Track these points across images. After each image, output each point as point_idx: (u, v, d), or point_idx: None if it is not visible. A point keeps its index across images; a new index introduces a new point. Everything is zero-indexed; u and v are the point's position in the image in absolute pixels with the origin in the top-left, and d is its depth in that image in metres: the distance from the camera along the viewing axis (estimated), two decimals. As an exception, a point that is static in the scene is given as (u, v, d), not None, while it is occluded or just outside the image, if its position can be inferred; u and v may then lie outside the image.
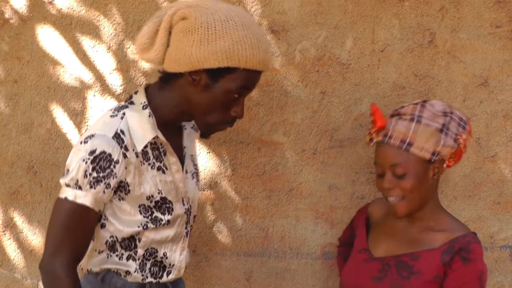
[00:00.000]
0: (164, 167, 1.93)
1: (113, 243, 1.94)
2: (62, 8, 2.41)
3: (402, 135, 1.97)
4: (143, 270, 1.97)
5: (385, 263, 2.06)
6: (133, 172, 1.86)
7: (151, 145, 1.90)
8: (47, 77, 2.45)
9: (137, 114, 1.88)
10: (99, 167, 1.79)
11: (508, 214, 2.59)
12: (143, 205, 1.90)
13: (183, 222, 2.02)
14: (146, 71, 2.45)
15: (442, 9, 2.49)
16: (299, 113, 2.50)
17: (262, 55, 1.81)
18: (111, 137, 1.81)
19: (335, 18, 2.47)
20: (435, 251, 2.01)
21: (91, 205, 1.80)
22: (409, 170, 1.98)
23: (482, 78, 2.52)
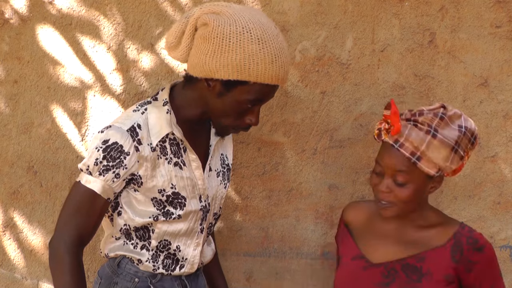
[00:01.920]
0: (182, 163, 1.98)
1: (127, 231, 2.01)
2: (62, 8, 2.41)
3: (414, 147, 1.91)
4: (155, 261, 2.03)
5: (390, 268, 2.03)
6: (146, 165, 1.92)
7: (170, 140, 1.96)
8: (47, 77, 2.44)
9: (157, 110, 1.95)
10: (109, 157, 1.87)
11: (508, 214, 2.59)
12: (155, 198, 1.96)
13: (197, 218, 2.04)
14: (146, 71, 2.45)
15: (442, 9, 2.49)
16: (299, 113, 2.50)
17: (276, 70, 1.81)
18: (126, 130, 1.89)
19: (335, 18, 2.47)
20: (441, 249, 1.99)
21: (99, 191, 1.89)
22: (410, 181, 1.94)
23: (482, 78, 2.52)
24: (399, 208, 1.99)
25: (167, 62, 2.45)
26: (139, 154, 1.90)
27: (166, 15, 2.42)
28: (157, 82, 2.45)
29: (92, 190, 1.89)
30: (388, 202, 1.98)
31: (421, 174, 1.94)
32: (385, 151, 1.98)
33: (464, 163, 2.02)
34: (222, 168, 2.15)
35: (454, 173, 2.05)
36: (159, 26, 2.43)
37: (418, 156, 1.91)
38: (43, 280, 2.53)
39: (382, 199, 1.99)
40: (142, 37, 2.44)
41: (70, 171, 2.48)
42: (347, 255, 2.15)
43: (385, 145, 1.99)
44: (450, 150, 1.92)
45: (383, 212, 2.02)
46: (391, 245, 2.07)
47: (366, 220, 2.18)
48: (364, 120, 2.52)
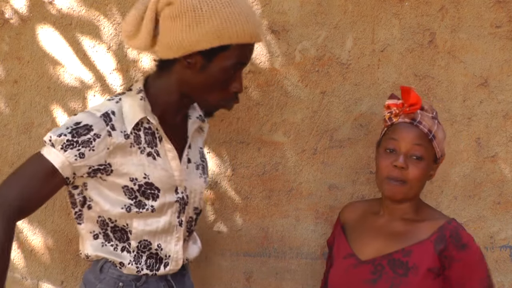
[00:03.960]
0: (155, 153, 1.94)
1: (104, 224, 1.95)
2: (62, 8, 2.41)
3: (429, 126, 2.05)
4: (138, 262, 1.97)
5: (377, 264, 2.05)
6: (116, 152, 1.87)
7: (145, 129, 1.92)
8: (47, 77, 2.45)
9: (131, 99, 1.92)
10: (75, 132, 1.81)
11: (508, 214, 2.59)
12: (127, 186, 1.90)
13: (174, 211, 1.99)
14: (146, 71, 2.44)
15: (442, 9, 2.49)
16: (299, 113, 2.50)
17: (252, 28, 1.83)
18: (99, 116, 1.85)
19: (335, 18, 2.47)
20: (425, 242, 2.02)
21: (57, 165, 1.81)
22: (426, 157, 2.05)
23: (482, 78, 2.52)
24: (409, 188, 2.04)
25: (167, 62, 2.45)
26: (111, 140, 1.85)
27: (166, 15, 2.42)
28: (157, 82, 2.45)
29: (51, 163, 1.81)
30: (401, 180, 2.03)
31: (432, 153, 2.07)
32: (402, 128, 2.07)
33: None
34: (201, 161, 2.12)
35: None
36: (159, 26, 2.43)
37: (433, 134, 2.05)
38: (43, 280, 2.53)
39: (396, 176, 2.03)
40: (142, 37, 2.44)
41: (70, 171, 2.48)
42: (340, 255, 2.18)
43: (400, 125, 2.08)
44: (444, 138, 2.11)
45: (394, 191, 2.05)
46: (379, 241, 2.10)
47: (359, 219, 2.22)
48: (364, 120, 2.52)
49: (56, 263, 2.53)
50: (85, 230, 1.98)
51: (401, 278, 1.99)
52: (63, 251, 2.52)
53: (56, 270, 2.54)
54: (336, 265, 2.17)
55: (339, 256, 2.17)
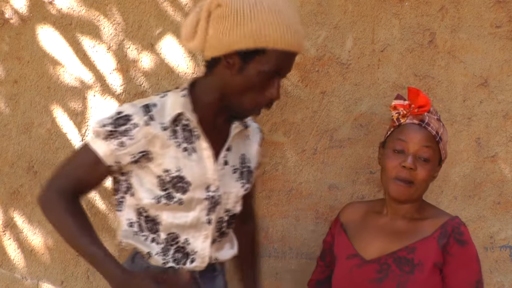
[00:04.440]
0: (192, 150, 2.00)
1: (139, 213, 2.03)
2: (62, 8, 2.41)
3: (436, 128, 2.08)
4: (166, 254, 2.03)
5: (382, 262, 2.06)
6: (155, 142, 1.95)
7: (183, 126, 2.00)
8: (47, 77, 2.44)
9: (174, 96, 2.01)
10: (116, 123, 1.94)
11: (508, 214, 2.59)
12: (160, 177, 1.97)
13: (203, 208, 2.03)
14: (146, 71, 2.45)
15: (442, 9, 2.49)
16: (299, 113, 2.50)
17: (291, 36, 1.85)
18: (140, 106, 1.96)
19: (335, 18, 2.47)
20: (429, 238, 2.03)
21: (101, 153, 1.94)
22: (432, 159, 2.07)
23: (482, 78, 2.52)
24: (416, 189, 2.06)
25: (167, 62, 2.45)
26: (148, 130, 1.94)
27: (166, 15, 2.43)
28: (157, 82, 2.45)
29: (95, 152, 1.94)
30: (409, 181, 2.05)
31: (438, 155, 2.10)
32: (410, 129, 2.09)
33: None
34: (241, 167, 2.14)
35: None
36: (159, 26, 2.43)
37: (440, 137, 2.07)
38: (43, 280, 2.53)
39: (404, 177, 2.05)
40: (142, 37, 2.44)
41: (70, 171, 2.48)
42: (342, 255, 2.18)
43: (408, 126, 2.10)
44: (447, 141, 2.14)
45: (400, 193, 2.06)
46: (383, 240, 2.11)
47: (361, 219, 2.22)
48: (364, 120, 2.53)
49: (56, 263, 2.53)
50: (123, 217, 2.07)
51: (408, 276, 2.00)
52: (63, 251, 2.52)
53: (56, 270, 2.54)
54: (339, 266, 2.18)
55: (342, 257, 2.18)
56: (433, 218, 2.08)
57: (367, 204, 2.27)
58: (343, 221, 2.26)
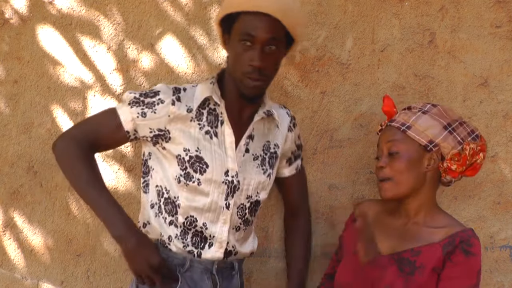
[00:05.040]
0: (214, 133, 2.08)
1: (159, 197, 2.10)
2: (62, 8, 2.41)
3: (404, 120, 2.07)
4: (184, 238, 2.08)
5: (386, 261, 2.05)
6: (177, 122, 2.04)
7: (209, 110, 2.09)
8: (47, 77, 2.44)
9: (204, 84, 2.11)
10: (145, 94, 2.06)
11: (508, 214, 2.59)
12: (180, 155, 2.05)
13: (221, 192, 2.08)
14: (146, 71, 2.45)
15: (442, 9, 2.49)
16: (299, 113, 2.50)
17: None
18: (171, 87, 2.09)
19: (335, 18, 2.47)
20: (435, 245, 2.00)
21: (123, 118, 2.05)
22: (402, 149, 2.05)
23: (482, 78, 2.52)
24: (395, 183, 2.05)
25: (167, 62, 2.45)
26: (172, 109, 2.03)
27: (166, 15, 2.43)
28: (157, 82, 2.45)
29: (118, 116, 2.05)
30: (385, 177, 2.06)
31: (413, 144, 2.05)
32: (381, 133, 2.14)
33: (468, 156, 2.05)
34: (264, 154, 2.18)
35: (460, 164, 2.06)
36: (159, 26, 2.43)
37: (408, 125, 2.06)
38: (43, 280, 2.53)
39: (380, 175, 2.08)
40: (142, 37, 2.44)
41: (70, 171, 2.48)
42: (349, 249, 2.19)
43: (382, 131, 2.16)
44: (442, 127, 2.05)
45: (382, 190, 2.08)
46: (391, 240, 2.10)
47: (374, 216, 2.21)
48: (364, 120, 2.53)
49: (56, 263, 2.53)
50: (147, 199, 2.15)
51: (406, 277, 1.99)
52: (63, 251, 2.52)
53: (56, 270, 2.54)
54: (345, 260, 2.19)
55: (349, 251, 2.19)
56: (446, 227, 2.04)
57: (382, 204, 2.24)
58: (358, 215, 2.26)
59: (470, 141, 2.04)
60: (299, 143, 2.33)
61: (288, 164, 2.32)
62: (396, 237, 2.09)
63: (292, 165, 2.33)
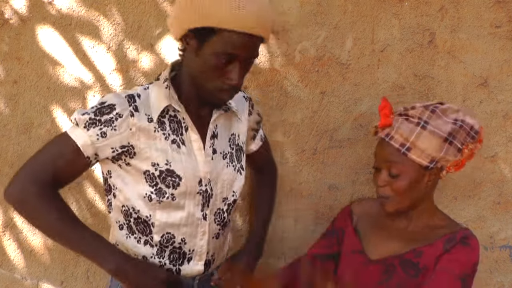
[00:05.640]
0: (180, 142, 1.93)
1: (127, 214, 1.95)
2: (62, 8, 2.41)
3: (403, 138, 1.97)
4: (161, 256, 1.97)
5: (389, 263, 2.04)
6: (139, 135, 1.87)
7: (170, 117, 1.92)
8: (47, 77, 2.44)
9: (157, 87, 1.93)
10: (98, 112, 1.84)
11: (508, 214, 2.59)
12: (148, 171, 1.88)
13: (197, 203, 1.96)
14: (146, 71, 2.45)
15: (442, 9, 2.49)
16: (299, 113, 2.50)
17: (244, 15, 1.72)
18: (124, 96, 1.88)
19: (334, 18, 2.47)
20: (436, 242, 1.98)
21: (80, 144, 1.83)
22: (403, 172, 1.98)
23: (482, 78, 2.52)
24: (396, 202, 2.01)
25: (167, 62, 2.45)
26: (133, 121, 1.85)
27: (165, 15, 2.42)
28: (157, 82, 2.45)
29: (74, 142, 1.83)
30: (386, 196, 2.02)
31: (414, 165, 1.97)
32: (378, 145, 2.06)
33: (466, 157, 2.01)
34: (231, 149, 2.07)
35: (457, 167, 2.05)
36: (159, 27, 2.43)
37: (408, 146, 1.96)
38: (43, 280, 2.53)
39: (380, 193, 2.04)
40: (141, 37, 2.44)
41: (70, 172, 2.48)
42: (348, 248, 2.17)
43: (379, 140, 2.07)
44: (442, 141, 1.95)
45: (384, 207, 2.05)
46: (391, 241, 2.09)
47: (373, 217, 2.20)
48: (364, 120, 2.52)
49: (56, 263, 2.53)
50: (113, 219, 2.01)
51: (412, 279, 1.98)
52: (63, 251, 2.52)
53: (56, 270, 2.54)
54: (344, 258, 2.17)
55: (348, 250, 2.17)
56: (445, 228, 2.03)
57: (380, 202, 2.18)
58: (355, 214, 2.24)
59: (469, 142, 1.99)
60: (259, 119, 2.25)
61: (253, 140, 2.26)
62: (398, 239, 2.08)
63: (256, 139, 2.27)
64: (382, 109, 2.05)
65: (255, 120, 2.23)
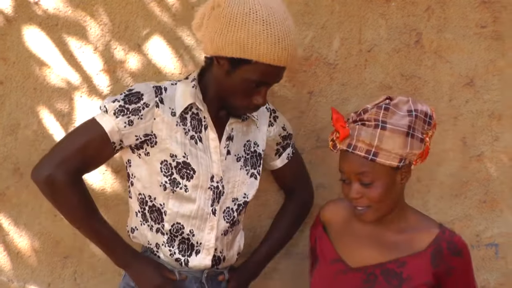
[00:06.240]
0: (198, 139, 2.05)
1: (143, 203, 2.07)
2: (48, 8, 2.39)
3: (367, 145, 1.89)
4: (171, 245, 2.08)
5: (370, 272, 1.99)
6: (162, 126, 1.99)
7: (192, 114, 2.05)
8: (34, 78, 2.42)
9: (185, 85, 2.06)
10: (128, 99, 1.97)
11: (493, 213, 2.61)
12: (165, 161, 2.01)
13: (207, 197, 2.07)
14: (133, 72, 2.44)
15: (428, 9, 2.51)
16: (286, 113, 2.50)
17: (279, 51, 1.86)
18: (152, 86, 2.02)
19: (322, 18, 2.48)
20: (422, 254, 1.95)
21: (108, 129, 1.95)
22: (376, 179, 1.90)
23: (468, 78, 2.54)
24: (376, 210, 1.95)
25: (154, 63, 2.44)
26: (157, 112, 1.99)
27: (153, 15, 2.42)
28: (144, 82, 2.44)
29: (102, 128, 1.95)
30: (364, 206, 1.95)
31: (384, 168, 1.90)
32: (342, 158, 1.97)
33: (428, 145, 1.96)
34: (246, 154, 2.18)
35: (422, 158, 1.99)
36: (146, 27, 2.42)
37: (374, 152, 1.88)
38: (30, 282, 2.51)
39: (357, 205, 1.97)
40: (129, 37, 2.43)
41: (57, 173, 2.46)
42: (325, 258, 2.11)
43: (342, 153, 1.97)
44: (405, 137, 1.88)
45: (362, 217, 1.98)
46: (370, 249, 2.03)
47: (344, 221, 2.13)
48: (351, 120, 2.53)
49: (43, 266, 2.51)
50: (132, 205, 2.15)
51: None
52: (50, 253, 2.50)
53: (43, 272, 2.52)
54: (321, 269, 2.12)
55: (325, 260, 2.11)
56: (423, 231, 1.99)
57: (349, 207, 2.08)
58: (325, 221, 2.19)
59: (427, 130, 1.94)
60: (285, 134, 2.30)
61: (278, 156, 2.33)
62: (375, 245, 2.03)
63: (282, 156, 2.33)
64: (337, 121, 1.95)
65: (278, 133, 2.29)
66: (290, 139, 2.35)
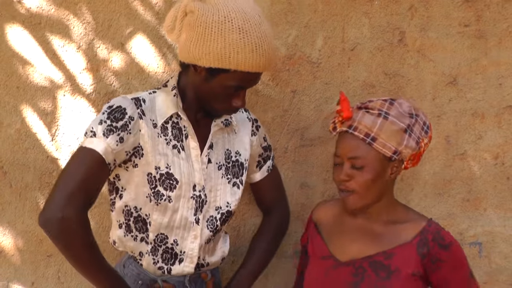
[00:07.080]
0: (180, 148, 2.03)
1: (128, 214, 2.05)
2: (31, 7, 2.39)
3: (367, 129, 1.96)
4: (154, 254, 2.07)
5: (358, 266, 2.02)
6: (146, 138, 1.97)
7: (173, 123, 2.03)
8: (16, 76, 2.43)
9: (165, 94, 2.04)
10: (113, 117, 1.92)
11: (477, 211, 2.61)
12: (150, 174, 1.99)
13: (190, 206, 2.06)
14: (117, 71, 2.44)
15: (411, 8, 2.51)
16: (269, 112, 2.51)
17: (257, 59, 1.85)
18: (130, 99, 1.97)
19: (305, 17, 2.48)
20: (408, 245, 1.99)
21: (101, 152, 1.89)
22: (368, 164, 1.96)
23: (451, 76, 2.54)
24: (360, 196, 2.00)
25: (138, 62, 2.44)
26: (142, 123, 1.96)
27: (136, 14, 2.42)
28: (127, 81, 2.44)
29: (96, 151, 1.88)
30: (348, 190, 2.00)
31: (378, 156, 1.96)
32: (341, 139, 2.03)
33: (422, 152, 2.03)
34: (226, 163, 2.16)
35: (414, 162, 2.05)
36: (129, 26, 2.43)
37: (373, 137, 1.95)
38: (14, 281, 2.51)
39: (342, 188, 2.01)
40: (112, 36, 2.43)
41: (40, 172, 2.46)
42: (316, 255, 2.14)
43: (341, 134, 2.04)
44: (403, 132, 1.96)
45: (346, 202, 2.02)
46: (358, 242, 2.07)
47: (334, 219, 2.18)
48: (334, 119, 2.53)
49: (26, 264, 2.51)
50: (114, 218, 2.11)
51: (384, 282, 1.97)
52: (34, 251, 2.50)
53: (27, 271, 2.52)
54: (313, 265, 2.14)
55: (316, 256, 2.14)
56: (409, 222, 2.03)
57: (340, 203, 2.17)
58: (316, 220, 2.23)
59: (423, 136, 2.01)
60: (265, 145, 2.31)
61: (259, 168, 2.32)
62: (364, 238, 2.07)
63: (262, 168, 2.33)
64: (343, 101, 2.03)
65: (260, 143, 2.29)
66: (270, 150, 2.34)
